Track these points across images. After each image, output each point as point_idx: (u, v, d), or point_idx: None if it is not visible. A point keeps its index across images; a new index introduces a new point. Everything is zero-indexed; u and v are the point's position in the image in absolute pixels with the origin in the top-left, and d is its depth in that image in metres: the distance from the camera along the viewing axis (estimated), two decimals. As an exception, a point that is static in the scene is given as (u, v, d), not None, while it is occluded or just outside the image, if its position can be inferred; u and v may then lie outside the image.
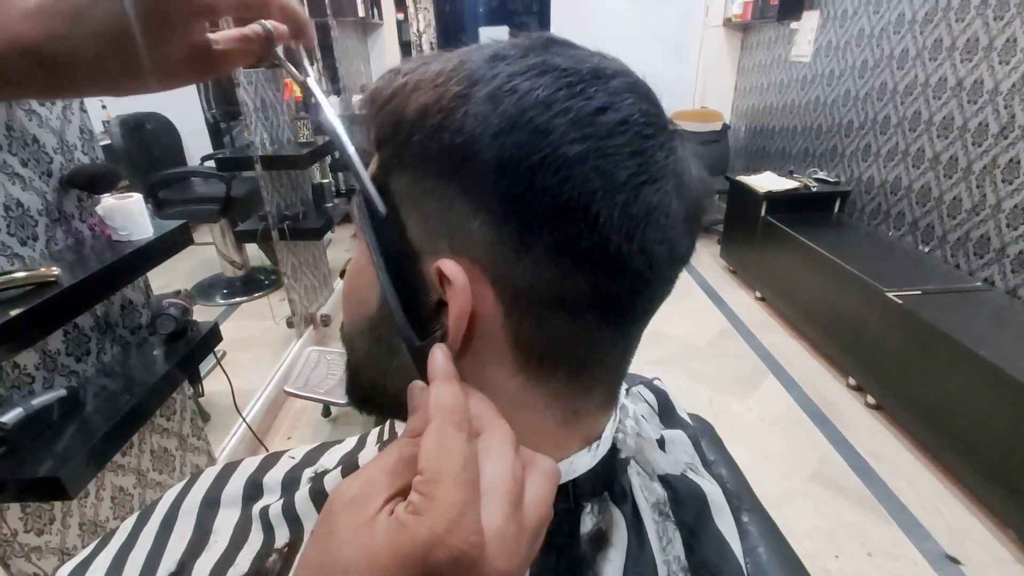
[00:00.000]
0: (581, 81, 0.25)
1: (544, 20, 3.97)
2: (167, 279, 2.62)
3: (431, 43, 3.90)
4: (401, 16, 3.82)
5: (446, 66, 0.27)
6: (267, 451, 1.63)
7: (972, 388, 1.52)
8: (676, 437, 0.37)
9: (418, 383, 0.26)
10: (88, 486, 1.00)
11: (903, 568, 1.36)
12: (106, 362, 1.08)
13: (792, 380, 2.10)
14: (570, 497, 0.31)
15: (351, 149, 0.29)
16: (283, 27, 0.35)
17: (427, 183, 0.26)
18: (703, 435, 0.43)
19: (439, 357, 0.25)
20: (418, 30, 3.76)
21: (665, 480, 0.34)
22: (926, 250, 2.19)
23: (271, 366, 1.98)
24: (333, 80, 3.10)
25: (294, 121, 2.16)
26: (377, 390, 0.33)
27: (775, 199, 2.60)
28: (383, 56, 3.73)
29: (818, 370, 2.16)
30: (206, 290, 2.70)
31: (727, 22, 3.63)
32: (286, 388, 1.58)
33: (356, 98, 3.13)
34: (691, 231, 0.28)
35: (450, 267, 0.25)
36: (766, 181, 2.72)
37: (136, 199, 1.00)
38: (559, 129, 0.24)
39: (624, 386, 0.35)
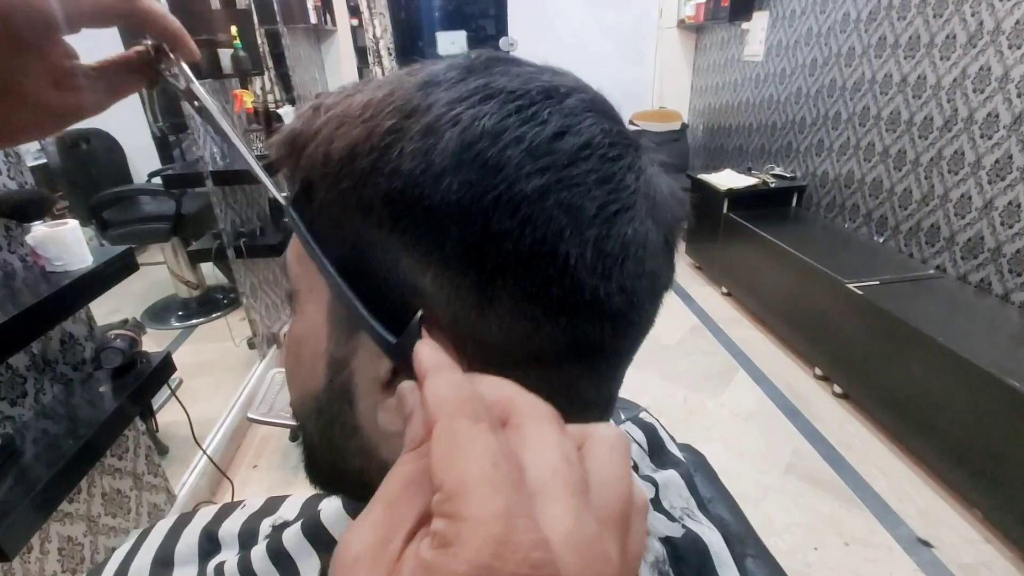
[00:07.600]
0: (532, 103, 0.22)
1: (501, 24, 3.96)
2: (115, 303, 2.48)
3: (388, 48, 3.83)
4: (355, 22, 3.74)
5: (374, 96, 0.24)
6: (231, 482, 1.56)
7: (932, 373, 1.57)
8: (670, 480, 0.35)
9: (408, 382, 0.20)
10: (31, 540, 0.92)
11: (879, 555, 1.39)
12: (46, 403, 0.99)
13: (762, 374, 2.13)
14: None
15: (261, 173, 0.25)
16: (169, 42, 0.32)
17: (365, 236, 0.23)
18: (697, 469, 0.41)
19: (425, 353, 0.20)
20: (374, 36, 3.68)
21: (664, 536, 0.31)
22: (881, 240, 2.26)
23: (232, 391, 1.88)
24: (287, 89, 3.00)
25: (246, 133, 2.07)
26: (337, 474, 0.29)
27: (736, 196, 2.65)
28: (339, 63, 3.65)
29: (786, 362, 2.20)
30: (159, 313, 2.56)
31: (681, 24, 3.70)
32: (249, 415, 1.49)
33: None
34: (670, 257, 0.26)
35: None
36: (726, 179, 2.77)
37: (71, 226, 0.93)
38: (512, 162, 0.21)
39: None
